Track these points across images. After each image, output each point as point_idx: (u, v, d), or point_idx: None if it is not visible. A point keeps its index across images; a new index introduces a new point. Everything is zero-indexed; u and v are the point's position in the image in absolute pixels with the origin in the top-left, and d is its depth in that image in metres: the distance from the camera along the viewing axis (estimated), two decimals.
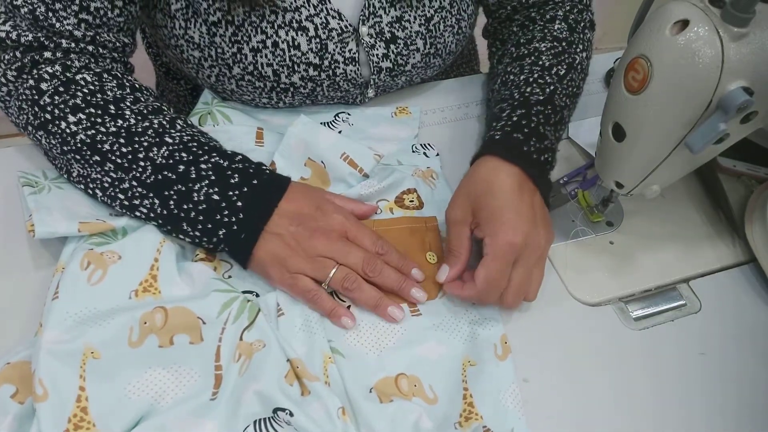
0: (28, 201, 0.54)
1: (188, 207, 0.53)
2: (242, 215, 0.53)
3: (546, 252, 0.56)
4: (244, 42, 0.61)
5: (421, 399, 0.49)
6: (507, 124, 0.59)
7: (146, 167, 0.54)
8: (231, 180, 0.54)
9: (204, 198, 0.53)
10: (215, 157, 0.55)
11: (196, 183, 0.53)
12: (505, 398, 0.50)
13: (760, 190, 0.65)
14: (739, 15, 0.43)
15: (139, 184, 0.54)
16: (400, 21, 0.65)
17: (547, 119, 0.60)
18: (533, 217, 0.54)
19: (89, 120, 0.55)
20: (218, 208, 0.53)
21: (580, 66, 0.67)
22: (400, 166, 0.66)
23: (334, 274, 0.53)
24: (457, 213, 0.56)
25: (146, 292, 0.51)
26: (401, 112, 0.72)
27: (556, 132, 0.61)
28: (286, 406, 0.45)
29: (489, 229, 0.53)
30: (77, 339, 0.47)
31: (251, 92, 0.66)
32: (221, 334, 0.50)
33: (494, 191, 0.54)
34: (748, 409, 0.52)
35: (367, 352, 0.52)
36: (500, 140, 0.57)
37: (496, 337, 0.53)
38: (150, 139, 0.55)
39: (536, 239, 0.54)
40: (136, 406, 0.46)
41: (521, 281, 0.53)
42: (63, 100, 0.55)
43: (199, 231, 0.53)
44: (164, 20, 0.63)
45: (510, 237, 0.52)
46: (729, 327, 0.57)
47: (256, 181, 0.54)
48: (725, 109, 0.45)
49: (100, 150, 0.54)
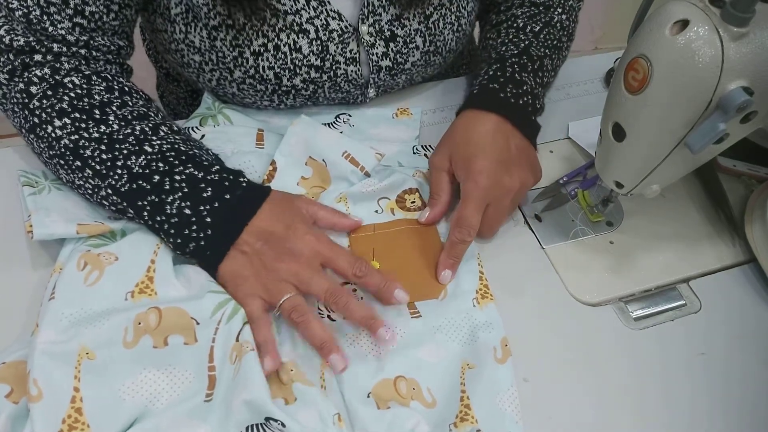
0: (28, 202, 0.54)
1: (161, 219, 0.52)
2: (210, 231, 0.52)
3: (520, 193, 0.61)
4: (245, 46, 0.61)
5: (419, 403, 0.49)
6: (484, 79, 0.64)
7: (122, 175, 0.53)
8: (203, 194, 0.53)
9: (176, 211, 0.52)
10: (190, 168, 0.54)
11: (170, 195, 0.52)
12: (503, 402, 0.49)
13: (760, 190, 0.65)
14: (739, 15, 0.43)
15: (114, 192, 0.53)
16: (399, 19, 0.65)
17: (523, 68, 0.64)
18: (507, 160, 0.59)
19: (74, 125, 0.54)
20: (188, 223, 0.52)
21: (559, 24, 0.71)
22: (401, 167, 0.66)
23: (284, 302, 0.51)
24: (436, 160, 0.61)
25: (142, 293, 0.51)
26: (402, 113, 0.72)
27: (536, 77, 0.65)
28: (277, 416, 0.45)
29: (462, 175, 0.59)
30: (72, 339, 0.46)
31: (252, 95, 0.66)
32: (214, 334, 0.49)
33: (468, 140, 0.60)
34: (748, 409, 0.52)
35: (366, 354, 0.51)
36: (477, 93, 0.63)
37: (496, 340, 0.53)
38: (130, 147, 0.54)
39: (508, 182, 0.58)
40: (131, 408, 0.46)
41: (492, 217, 0.59)
42: (50, 104, 0.55)
43: (171, 242, 0.53)
44: (164, 25, 0.63)
45: (477, 180, 0.57)
46: (729, 327, 0.57)
47: (229, 196, 0.53)
48: (725, 109, 0.45)
49: (81, 155, 0.54)
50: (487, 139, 0.59)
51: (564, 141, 0.72)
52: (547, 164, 0.69)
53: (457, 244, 0.57)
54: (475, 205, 0.57)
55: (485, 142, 0.59)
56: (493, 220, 0.59)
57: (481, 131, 0.60)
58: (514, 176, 0.59)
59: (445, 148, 0.61)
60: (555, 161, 0.70)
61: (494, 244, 0.61)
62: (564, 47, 0.72)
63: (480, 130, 0.60)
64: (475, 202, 0.57)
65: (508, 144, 0.60)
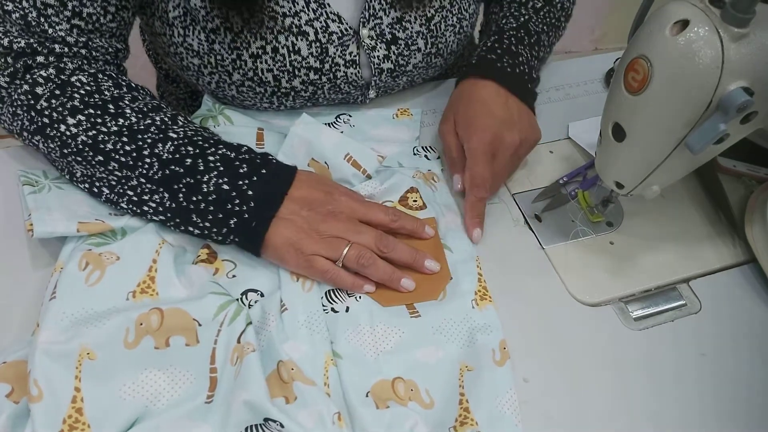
0: (28, 200, 0.54)
1: (198, 198, 0.53)
2: (253, 203, 0.53)
3: (522, 149, 0.63)
4: (243, 48, 0.61)
5: (417, 404, 0.49)
6: (482, 50, 0.68)
7: (153, 163, 0.54)
8: (240, 170, 0.54)
9: (214, 188, 0.53)
10: (222, 149, 0.55)
11: (205, 174, 0.54)
12: (502, 404, 0.49)
13: (760, 190, 0.65)
14: (739, 15, 0.43)
15: (147, 181, 0.54)
16: (400, 22, 0.65)
17: (519, 41, 0.68)
18: (507, 118, 0.62)
19: (89, 121, 0.55)
20: (229, 198, 0.53)
21: (559, 5, 0.75)
22: (401, 168, 0.66)
23: (348, 251, 0.54)
24: (442, 127, 0.66)
25: (144, 293, 0.51)
26: (402, 114, 0.72)
27: (532, 51, 0.69)
28: (276, 417, 0.45)
29: (465, 134, 0.62)
30: (73, 339, 0.46)
31: (252, 98, 0.66)
32: (216, 336, 0.49)
33: (470, 102, 0.63)
34: (748, 410, 0.52)
35: (365, 353, 0.51)
36: (476, 63, 0.66)
37: (495, 343, 0.53)
38: (153, 136, 0.55)
39: (509, 136, 0.61)
40: (131, 408, 0.46)
41: (498, 173, 0.61)
42: (60, 103, 0.55)
43: (209, 222, 0.53)
44: (162, 28, 0.63)
45: (480, 137, 0.60)
46: (729, 327, 0.57)
47: (265, 170, 0.55)
48: (725, 110, 0.45)
49: (102, 150, 0.54)
50: (487, 100, 0.63)
51: (564, 141, 0.72)
52: (547, 164, 0.69)
53: (477, 203, 0.60)
54: (484, 160, 0.60)
55: (485, 102, 0.63)
56: (498, 176, 0.62)
57: (482, 93, 0.64)
58: (514, 132, 0.61)
59: (449, 113, 0.65)
60: (555, 161, 0.70)
61: (494, 244, 0.61)
62: (561, 26, 0.76)
63: (480, 92, 0.64)
64: (483, 157, 0.60)
65: (508, 104, 0.63)
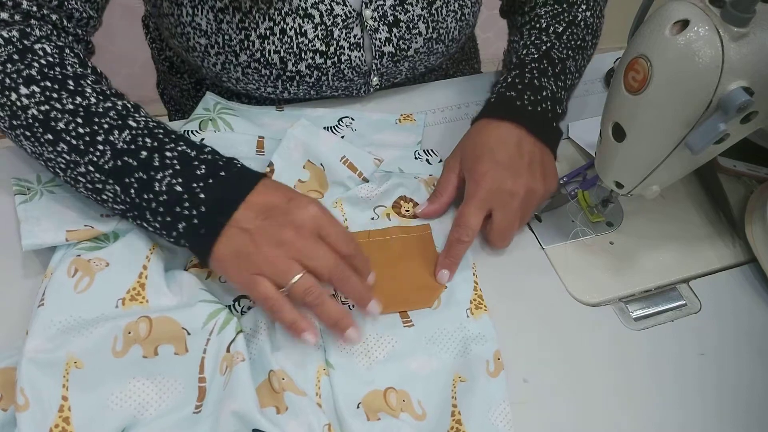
0: (18, 211, 0.54)
1: (149, 197, 0.49)
2: (204, 208, 0.49)
3: (526, 199, 0.58)
4: (251, 29, 0.62)
5: (408, 415, 0.48)
6: (502, 87, 0.63)
7: (105, 151, 0.50)
8: (197, 171, 0.49)
9: (166, 188, 0.49)
10: (183, 146, 0.51)
11: (159, 171, 0.49)
12: (494, 416, 0.48)
13: (761, 190, 0.65)
14: (739, 15, 0.43)
15: (97, 170, 0.50)
16: (402, 4, 0.66)
17: (543, 73, 0.63)
18: (515, 165, 0.58)
19: (43, 94, 0.50)
20: (179, 200, 0.49)
21: (583, 23, 0.69)
22: (401, 174, 0.65)
23: (297, 281, 0.48)
24: (449, 159, 0.63)
25: (133, 300, 0.50)
26: (405, 119, 0.72)
27: (557, 81, 0.64)
28: (265, 428, 0.44)
29: (467, 176, 0.59)
30: (60, 348, 0.46)
31: (257, 80, 0.66)
32: (206, 345, 0.48)
33: (476, 143, 0.60)
34: (748, 410, 0.52)
35: (357, 363, 0.51)
36: (494, 102, 0.63)
37: (489, 353, 0.52)
38: (111, 122, 0.50)
39: (511, 186, 0.57)
40: (119, 417, 0.45)
41: (500, 224, 0.57)
42: (16, 69, 0.51)
43: (159, 223, 0.50)
44: (171, 8, 0.63)
45: (480, 182, 0.57)
46: (729, 327, 0.57)
47: (224, 173, 0.50)
48: (725, 109, 0.45)
49: (53, 128, 0.50)
50: (496, 144, 0.59)
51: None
52: None
53: (455, 244, 0.57)
54: (475, 204, 0.57)
55: (493, 146, 0.59)
56: (503, 228, 0.58)
57: (493, 135, 0.60)
58: (519, 181, 0.57)
59: (458, 150, 0.63)
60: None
61: None
62: (589, 46, 0.70)
63: (492, 134, 0.60)
64: (475, 201, 0.57)
65: (519, 150, 0.59)
